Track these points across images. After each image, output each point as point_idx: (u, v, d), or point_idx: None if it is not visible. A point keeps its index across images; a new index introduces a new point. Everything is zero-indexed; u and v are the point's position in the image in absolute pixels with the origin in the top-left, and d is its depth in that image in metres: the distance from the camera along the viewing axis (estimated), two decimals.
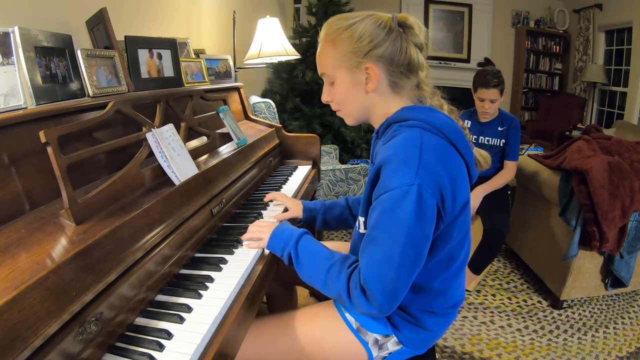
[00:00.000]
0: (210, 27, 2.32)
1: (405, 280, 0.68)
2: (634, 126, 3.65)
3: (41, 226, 0.66)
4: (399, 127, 0.75)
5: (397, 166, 0.68)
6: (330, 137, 3.21)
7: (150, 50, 1.18)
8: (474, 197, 1.92)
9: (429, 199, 0.66)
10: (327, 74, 0.81)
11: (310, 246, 0.81)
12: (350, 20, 0.77)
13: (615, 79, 4.67)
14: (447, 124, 0.75)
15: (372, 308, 0.68)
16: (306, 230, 0.86)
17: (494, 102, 1.88)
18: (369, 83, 0.77)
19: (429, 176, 0.67)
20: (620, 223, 1.63)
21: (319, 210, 1.10)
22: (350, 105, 0.82)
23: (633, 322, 1.76)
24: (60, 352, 0.53)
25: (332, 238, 2.61)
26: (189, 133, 1.13)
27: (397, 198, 0.66)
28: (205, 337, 0.64)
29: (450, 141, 0.74)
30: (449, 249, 0.76)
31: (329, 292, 0.76)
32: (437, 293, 0.80)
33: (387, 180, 0.69)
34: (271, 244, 0.87)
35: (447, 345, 1.62)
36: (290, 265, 0.84)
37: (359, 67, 0.76)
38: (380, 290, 0.67)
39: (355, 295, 0.69)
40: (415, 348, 0.84)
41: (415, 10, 5.39)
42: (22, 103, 0.79)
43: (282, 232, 0.86)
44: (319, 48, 0.82)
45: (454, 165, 0.72)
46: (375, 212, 0.70)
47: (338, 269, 0.74)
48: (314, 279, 0.78)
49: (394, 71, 0.77)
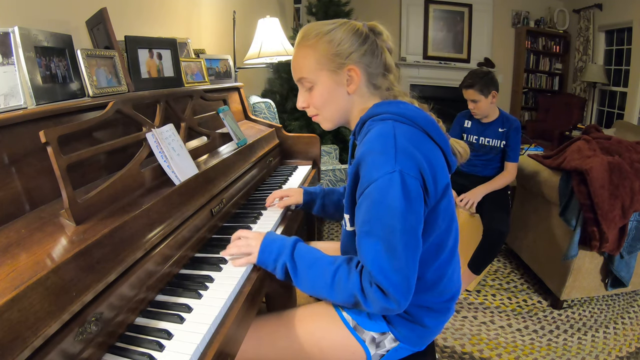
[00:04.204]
0: (210, 27, 2.32)
1: (413, 266, 0.69)
2: (634, 126, 3.65)
3: (41, 226, 0.66)
4: (372, 122, 0.78)
5: (376, 157, 0.70)
6: (330, 137, 3.21)
7: (150, 50, 1.18)
8: (473, 195, 1.92)
9: (412, 182, 0.68)
10: (307, 77, 0.82)
11: (307, 253, 0.79)
12: (328, 27, 0.80)
13: (615, 79, 4.67)
14: (418, 114, 0.78)
15: (390, 302, 0.68)
16: (298, 238, 0.83)
17: (476, 102, 1.92)
18: (351, 84, 0.80)
19: (408, 160, 0.69)
20: (620, 223, 1.63)
21: (318, 194, 1.14)
22: (330, 107, 0.83)
23: (633, 322, 1.76)
24: (60, 352, 0.53)
25: (332, 238, 2.61)
26: (189, 133, 1.13)
27: (382, 187, 0.68)
28: (205, 337, 0.64)
29: (423, 130, 0.76)
30: (436, 235, 0.78)
31: (336, 297, 0.74)
32: (432, 283, 0.81)
33: (368, 173, 0.70)
34: (261, 258, 0.81)
35: (447, 345, 1.62)
36: (285, 278, 0.79)
37: (342, 69, 0.79)
38: (394, 283, 0.67)
39: (371, 293, 0.69)
40: (413, 344, 0.84)
41: (415, 10, 5.39)
42: (22, 103, 0.79)
43: (273, 243, 0.81)
44: (295, 52, 0.83)
45: (428, 150, 0.75)
46: (363, 206, 0.71)
47: (346, 270, 0.74)
48: (317, 287, 0.76)
49: (372, 72, 0.81)
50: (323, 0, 3.38)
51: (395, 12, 5.41)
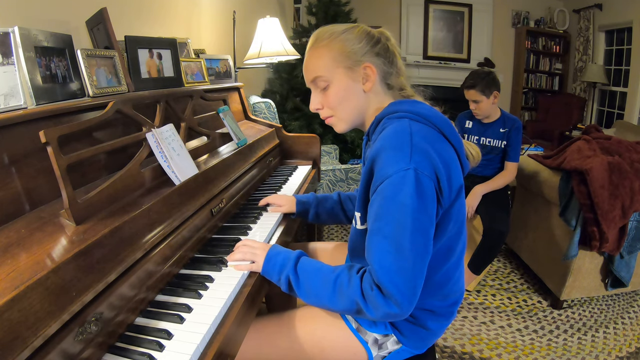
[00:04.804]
0: (210, 27, 2.32)
1: (421, 270, 0.67)
2: (634, 126, 3.65)
3: (41, 226, 0.66)
4: (387, 119, 0.77)
5: (391, 153, 0.69)
6: (330, 137, 3.21)
7: (150, 50, 1.18)
8: (473, 196, 1.92)
9: (426, 181, 0.67)
10: (322, 76, 0.81)
11: (310, 265, 0.79)
12: (342, 28, 0.81)
13: (615, 79, 4.67)
14: (433, 113, 0.77)
15: (393, 307, 0.65)
16: (302, 252, 0.83)
17: (477, 102, 1.92)
18: (367, 82, 0.80)
19: (424, 159, 0.68)
20: (620, 223, 1.63)
21: (311, 204, 1.14)
22: (346, 107, 0.82)
23: (633, 322, 1.76)
24: (60, 352, 0.53)
25: (332, 238, 2.61)
26: (189, 133, 1.13)
27: (396, 184, 0.67)
28: (205, 337, 0.64)
29: (439, 129, 0.76)
30: (447, 238, 0.77)
31: (338, 305, 0.74)
32: (438, 287, 0.80)
33: (382, 169, 0.69)
34: (266, 269, 0.82)
35: (447, 345, 1.62)
36: (289, 290, 0.79)
37: (358, 66, 0.79)
38: (397, 285, 0.64)
39: (372, 297, 0.67)
40: (415, 347, 0.84)
41: (415, 10, 5.39)
42: (22, 103, 0.79)
43: (277, 255, 0.82)
44: (308, 55, 0.83)
45: (444, 150, 0.73)
46: (375, 203, 0.70)
47: (347, 276, 0.73)
48: (319, 297, 0.76)
49: (387, 71, 0.81)
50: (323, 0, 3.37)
51: (395, 12, 5.41)
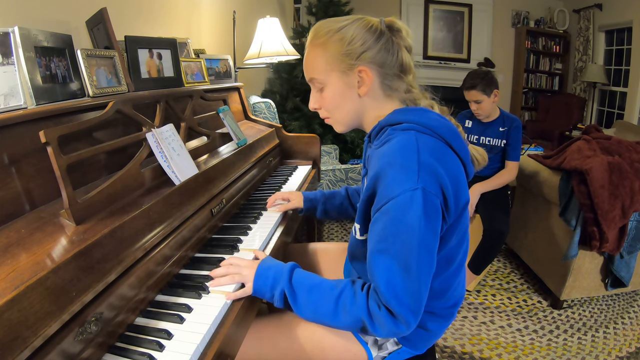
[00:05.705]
0: (210, 27, 2.32)
1: (426, 287, 0.67)
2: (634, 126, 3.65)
3: (41, 226, 0.66)
4: (392, 130, 0.74)
5: (397, 172, 0.66)
6: (330, 137, 3.21)
7: (150, 50, 1.18)
8: (471, 194, 1.92)
9: (434, 200, 0.65)
10: (317, 78, 0.79)
11: (306, 279, 0.75)
12: (340, 24, 0.76)
13: (615, 79, 4.67)
14: (441, 124, 0.74)
15: (401, 326, 0.65)
16: (295, 263, 0.79)
17: (479, 102, 1.91)
18: (362, 87, 0.76)
19: (431, 178, 0.65)
20: (620, 223, 1.63)
21: (319, 200, 1.13)
22: (341, 110, 0.80)
23: (633, 322, 1.76)
24: (60, 352, 0.53)
25: (332, 238, 2.61)
26: (189, 133, 1.14)
27: (403, 205, 0.64)
28: (205, 337, 0.64)
29: (446, 141, 0.73)
30: (448, 248, 0.75)
31: (340, 323, 0.71)
32: (438, 293, 0.80)
33: (388, 187, 0.66)
34: (257, 287, 0.75)
35: (447, 345, 1.62)
36: (284, 306, 0.75)
37: (352, 70, 0.75)
38: (406, 305, 0.64)
39: (380, 316, 0.65)
40: (415, 348, 0.84)
41: (415, 10, 5.39)
42: (22, 103, 0.79)
43: (268, 270, 0.77)
44: (306, 51, 0.80)
45: (452, 165, 0.71)
46: (380, 222, 0.67)
47: (351, 293, 0.70)
48: (318, 313, 0.72)
49: (387, 74, 0.76)
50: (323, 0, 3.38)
51: (395, 12, 5.40)
